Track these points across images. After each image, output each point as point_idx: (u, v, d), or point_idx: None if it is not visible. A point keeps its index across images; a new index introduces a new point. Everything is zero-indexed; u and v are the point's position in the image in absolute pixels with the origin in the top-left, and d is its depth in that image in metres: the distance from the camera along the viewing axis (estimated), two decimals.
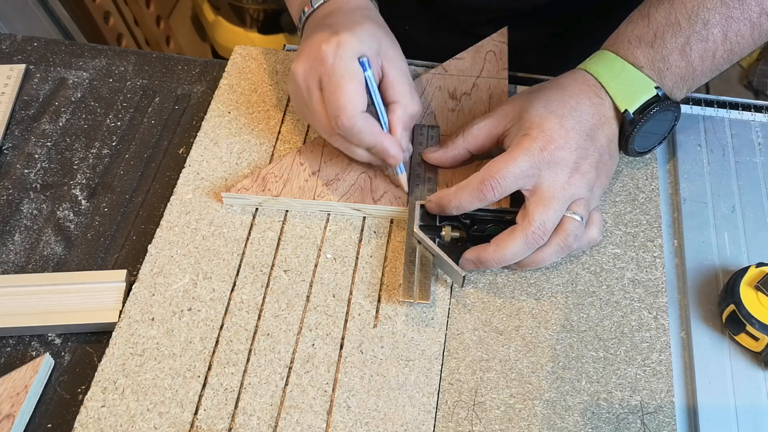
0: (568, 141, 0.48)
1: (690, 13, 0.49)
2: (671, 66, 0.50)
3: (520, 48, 0.66)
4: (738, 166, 0.58)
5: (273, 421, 0.45)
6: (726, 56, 0.51)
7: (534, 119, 0.49)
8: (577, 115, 0.49)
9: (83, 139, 0.61)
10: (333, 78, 0.47)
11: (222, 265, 0.51)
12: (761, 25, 0.50)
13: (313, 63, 0.49)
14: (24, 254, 0.54)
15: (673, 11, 0.50)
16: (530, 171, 0.47)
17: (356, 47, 0.48)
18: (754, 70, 1.74)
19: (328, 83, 0.48)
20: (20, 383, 0.46)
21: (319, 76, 0.48)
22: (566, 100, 0.50)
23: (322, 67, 0.48)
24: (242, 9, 1.62)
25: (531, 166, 0.47)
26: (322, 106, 0.49)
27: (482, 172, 0.48)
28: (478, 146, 0.53)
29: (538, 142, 0.47)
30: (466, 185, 0.48)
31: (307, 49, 0.49)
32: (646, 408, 0.45)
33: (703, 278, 0.52)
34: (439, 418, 0.45)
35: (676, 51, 0.50)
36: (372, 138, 0.49)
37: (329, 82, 0.48)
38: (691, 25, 0.49)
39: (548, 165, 0.47)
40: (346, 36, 0.48)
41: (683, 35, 0.50)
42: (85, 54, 0.68)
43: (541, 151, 0.47)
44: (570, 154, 0.48)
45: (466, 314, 0.49)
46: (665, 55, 0.50)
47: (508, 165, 0.47)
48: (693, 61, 0.50)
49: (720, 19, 0.49)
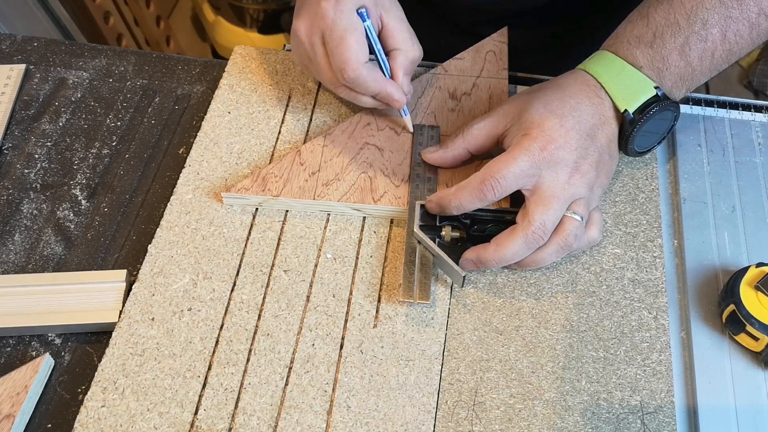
0: (568, 141, 0.48)
1: (689, 13, 0.50)
2: (670, 66, 0.50)
3: (520, 48, 0.66)
4: (738, 166, 0.58)
5: (273, 421, 0.45)
6: (724, 56, 0.51)
7: (534, 119, 0.49)
8: (577, 115, 0.49)
9: (83, 139, 0.61)
10: (335, 32, 0.50)
11: (222, 265, 0.51)
12: (760, 25, 0.50)
13: (314, 19, 0.51)
14: (24, 254, 0.54)
15: (672, 11, 0.50)
16: (530, 171, 0.47)
17: (354, 1, 0.50)
18: (754, 70, 1.74)
19: (330, 38, 0.50)
20: (20, 383, 0.46)
21: (321, 32, 0.51)
22: (566, 100, 0.50)
23: (323, 23, 0.50)
24: (242, 9, 1.62)
25: (531, 166, 0.47)
26: (326, 60, 0.52)
27: (482, 172, 0.48)
28: (477, 146, 0.53)
29: (538, 141, 0.47)
30: (467, 185, 0.48)
31: (307, 6, 0.51)
32: (646, 408, 0.45)
33: (703, 278, 0.52)
34: (439, 418, 0.45)
35: (676, 51, 0.50)
36: (376, 86, 0.52)
37: (331, 37, 0.50)
38: (690, 25, 0.50)
39: (548, 165, 0.47)
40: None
41: (682, 35, 0.50)
42: (85, 54, 0.68)
43: (541, 151, 0.47)
44: (570, 153, 0.48)
45: (466, 314, 0.49)
46: (664, 55, 0.50)
47: (508, 165, 0.47)
48: (692, 60, 0.50)
49: (719, 19, 0.49)
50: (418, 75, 0.63)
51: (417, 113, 0.60)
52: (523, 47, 0.68)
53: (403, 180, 0.55)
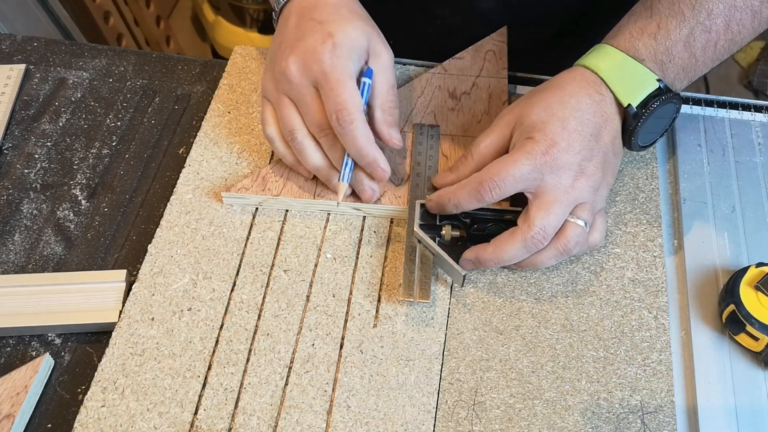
0: (571, 144, 0.47)
1: (694, 3, 0.49)
2: (674, 58, 0.49)
3: (519, 49, 0.66)
4: (738, 166, 0.58)
5: (273, 421, 0.45)
6: (727, 46, 0.50)
7: (536, 123, 0.48)
8: (579, 116, 0.48)
9: (83, 139, 0.61)
10: (332, 76, 0.48)
11: (222, 264, 0.51)
12: (761, 13, 0.49)
13: (308, 62, 0.49)
14: (24, 254, 0.54)
15: (676, 1, 0.49)
16: (531, 174, 0.47)
17: (350, 48, 0.49)
18: (754, 70, 1.74)
19: (326, 81, 0.48)
20: (20, 383, 0.46)
21: (314, 76, 0.49)
22: (566, 100, 0.49)
23: (318, 67, 0.48)
24: (242, 9, 1.62)
25: (532, 170, 0.47)
26: (317, 101, 0.49)
27: (482, 173, 0.48)
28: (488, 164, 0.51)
29: (540, 145, 0.47)
30: (466, 185, 0.48)
31: (301, 48, 0.49)
32: (646, 408, 0.45)
33: (703, 278, 0.52)
34: (439, 417, 0.45)
35: (680, 42, 0.49)
36: (365, 144, 0.49)
37: (327, 80, 0.48)
38: (695, 15, 0.49)
39: (551, 169, 0.47)
40: (340, 38, 0.49)
41: (687, 26, 0.49)
42: (85, 54, 0.68)
43: (544, 155, 0.47)
44: (574, 156, 0.47)
45: (466, 314, 0.49)
46: (669, 47, 0.49)
47: (508, 168, 0.47)
48: (695, 52, 0.49)
49: (723, 8, 0.48)
50: (418, 74, 0.63)
51: (417, 112, 0.60)
52: (523, 48, 0.67)
53: (403, 179, 0.55)
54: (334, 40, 0.48)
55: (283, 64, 0.50)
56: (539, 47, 0.74)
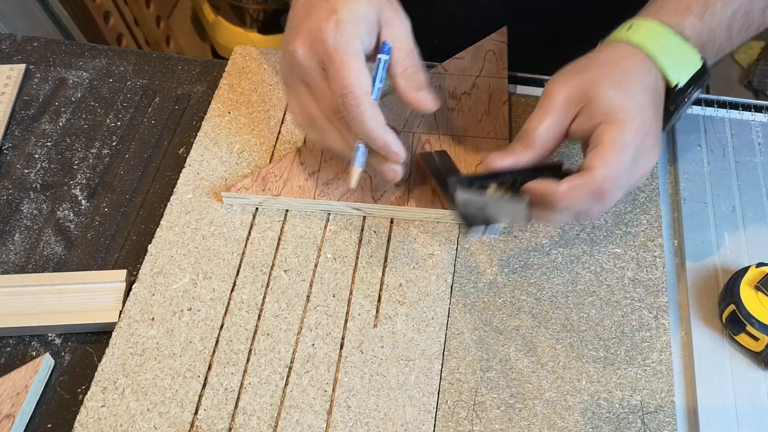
0: (652, 126, 0.45)
1: None
2: (715, 40, 0.48)
3: (520, 48, 0.66)
4: (738, 166, 0.58)
5: (273, 421, 0.45)
6: (755, 30, 0.49)
7: (613, 103, 0.44)
8: (649, 96, 0.45)
9: (83, 139, 0.61)
10: (336, 57, 0.45)
11: (222, 264, 0.51)
12: None
13: (313, 43, 0.46)
14: (24, 254, 0.54)
15: None
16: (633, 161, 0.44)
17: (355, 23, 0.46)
18: (754, 70, 1.74)
19: (331, 63, 0.46)
20: (20, 383, 0.46)
21: (320, 57, 0.46)
22: (630, 76, 0.46)
23: (322, 48, 0.46)
24: (242, 9, 1.62)
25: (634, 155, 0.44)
26: (326, 84, 0.47)
27: (599, 179, 0.44)
28: (549, 151, 0.48)
29: (629, 133, 0.44)
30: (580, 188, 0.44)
31: (306, 28, 0.47)
32: (647, 408, 0.45)
33: (703, 278, 0.52)
34: (439, 417, 0.45)
35: (723, 25, 0.47)
36: (375, 127, 0.46)
37: (332, 61, 0.46)
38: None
39: (640, 153, 0.44)
40: (344, 13, 0.46)
41: (731, 7, 0.47)
42: (85, 54, 0.68)
43: (639, 143, 0.44)
44: (654, 138, 0.45)
45: (466, 314, 0.49)
46: (713, 29, 0.47)
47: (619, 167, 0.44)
48: (732, 34, 0.48)
49: None
50: None
51: (417, 114, 0.60)
52: (523, 47, 0.67)
53: (403, 179, 0.55)
54: (337, 15, 0.46)
55: (291, 48, 0.48)
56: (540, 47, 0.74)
